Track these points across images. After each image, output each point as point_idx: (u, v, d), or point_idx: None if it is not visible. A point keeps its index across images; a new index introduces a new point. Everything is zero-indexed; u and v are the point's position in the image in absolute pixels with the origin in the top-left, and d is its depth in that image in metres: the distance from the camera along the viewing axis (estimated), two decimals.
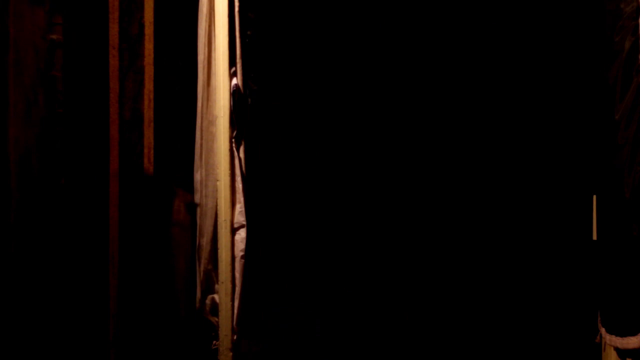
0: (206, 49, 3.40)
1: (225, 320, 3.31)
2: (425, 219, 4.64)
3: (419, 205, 4.65)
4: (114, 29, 3.33)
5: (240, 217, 3.35)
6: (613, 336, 3.11)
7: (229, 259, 3.32)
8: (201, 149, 3.45)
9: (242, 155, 3.39)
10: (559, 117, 4.57)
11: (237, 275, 3.33)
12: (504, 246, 4.58)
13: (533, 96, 4.60)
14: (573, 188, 4.51)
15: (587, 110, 4.24)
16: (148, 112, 3.48)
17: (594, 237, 3.42)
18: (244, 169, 3.38)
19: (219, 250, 3.34)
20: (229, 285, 3.31)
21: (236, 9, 3.39)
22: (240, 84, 3.38)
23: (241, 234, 3.35)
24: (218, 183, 3.34)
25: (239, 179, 3.36)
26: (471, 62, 4.62)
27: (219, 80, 3.35)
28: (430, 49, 4.64)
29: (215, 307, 3.37)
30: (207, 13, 3.40)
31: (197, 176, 3.47)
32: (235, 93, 3.35)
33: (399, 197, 4.66)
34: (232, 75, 3.37)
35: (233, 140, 3.36)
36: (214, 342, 3.36)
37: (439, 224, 4.64)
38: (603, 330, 3.20)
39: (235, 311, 3.33)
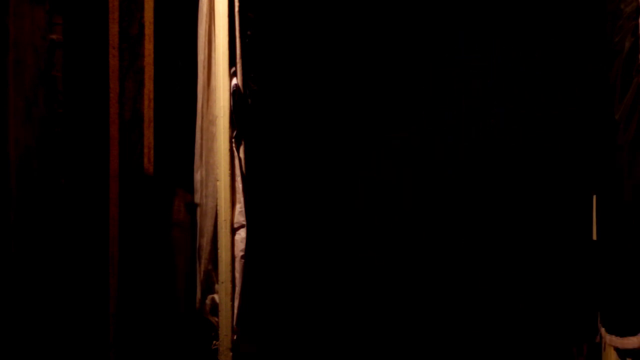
0: (206, 49, 3.40)
1: (225, 320, 3.31)
2: (425, 220, 4.64)
3: (419, 206, 4.65)
4: (114, 29, 3.33)
5: (240, 217, 3.35)
6: (613, 336, 3.11)
7: (229, 259, 3.32)
8: (201, 149, 3.45)
9: (242, 155, 3.39)
10: (559, 117, 4.57)
11: (237, 275, 3.33)
12: (504, 246, 4.58)
13: (533, 96, 4.60)
14: (573, 188, 4.51)
15: (587, 110, 4.24)
16: (148, 112, 3.48)
17: (594, 237, 3.42)
18: (244, 169, 3.38)
19: (219, 250, 3.34)
20: (229, 285, 3.31)
21: (236, 9, 3.39)
22: (240, 84, 3.38)
23: (241, 234, 3.35)
24: (218, 183, 3.34)
25: (239, 179, 3.36)
26: (471, 61, 4.62)
27: (219, 81, 3.35)
28: (431, 49, 4.63)
29: (215, 307, 3.37)
30: (207, 13, 3.40)
31: (197, 176, 3.47)
32: (235, 93, 3.35)
33: (399, 197, 4.66)
34: (232, 75, 3.37)
35: (233, 140, 3.36)
36: (214, 342, 3.36)
37: (439, 225, 4.64)
38: (603, 330, 3.20)
39: (235, 311, 3.33)
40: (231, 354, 3.31)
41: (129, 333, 3.31)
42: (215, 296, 3.38)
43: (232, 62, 3.36)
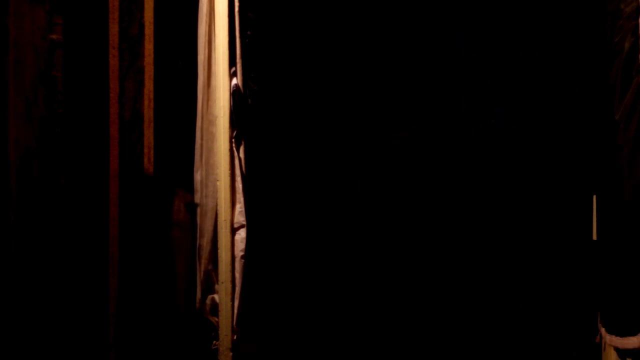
0: (206, 49, 3.41)
1: (225, 320, 3.31)
2: (425, 220, 4.65)
3: (419, 206, 4.65)
4: (114, 29, 3.33)
5: (240, 217, 3.35)
6: (613, 336, 3.11)
7: (229, 259, 3.32)
8: (201, 149, 3.45)
9: (242, 155, 3.39)
10: (559, 116, 4.57)
11: (237, 275, 3.34)
12: (504, 246, 4.58)
13: (533, 96, 4.60)
14: (573, 188, 4.51)
15: (587, 110, 4.24)
16: (148, 112, 3.48)
17: (594, 237, 3.42)
18: (244, 169, 3.38)
19: (219, 250, 3.34)
20: (229, 285, 3.31)
21: (236, 9, 3.39)
22: (240, 84, 3.38)
23: (241, 234, 3.35)
24: (218, 183, 3.35)
25: (239, 179, 3.36)
26: (471, 61, 4.62)
27: (219, 80, 3.35)
28: (431, 49, 4.64)
29: (215, 307, 3.37)
30: (207, 13, 3.40)
31: (197, 176, 3.47)
32: (235, 93, 3.35)
33: (399, 197, 4.66)
34: (232, 75, 3.37)
35: (233, 140, 3.36)
36: (214, 342, 3.36)
37: (439, 225, 4.64)
38: (603, 330, 3.20)
39: (235, 311, 3.33)
40: (231, 354, 3.31)
41: (129, 333, 3.31)
42: (215, 296, 3.38)
43: (232, 62, 3.36)
